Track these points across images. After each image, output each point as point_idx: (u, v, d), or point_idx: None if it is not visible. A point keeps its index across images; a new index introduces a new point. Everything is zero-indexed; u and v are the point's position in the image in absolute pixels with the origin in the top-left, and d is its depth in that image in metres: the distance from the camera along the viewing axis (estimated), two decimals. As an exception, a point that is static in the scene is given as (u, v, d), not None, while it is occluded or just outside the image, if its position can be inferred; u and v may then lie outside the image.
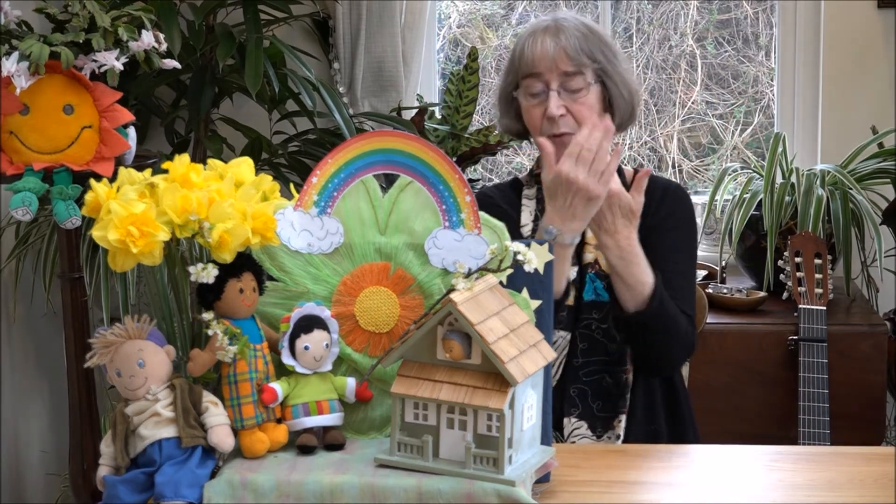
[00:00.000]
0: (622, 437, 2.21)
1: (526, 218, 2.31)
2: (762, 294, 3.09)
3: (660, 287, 2.14)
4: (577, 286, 2.24)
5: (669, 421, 2.28)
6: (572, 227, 2.08)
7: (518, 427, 1.55)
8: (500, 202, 2.33)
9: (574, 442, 2.21)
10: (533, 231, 2.28)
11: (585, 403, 2.23)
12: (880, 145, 3.22)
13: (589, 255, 2.26)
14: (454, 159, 3.21)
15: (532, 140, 2.36)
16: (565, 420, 2.22)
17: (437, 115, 3.41)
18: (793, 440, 2.80)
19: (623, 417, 2.21)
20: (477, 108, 3.37)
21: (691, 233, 2.34)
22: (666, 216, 2.29)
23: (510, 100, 2.30)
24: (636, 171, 2.37)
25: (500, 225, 1.70)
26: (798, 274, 2.93)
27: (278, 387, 1.62)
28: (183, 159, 1.64)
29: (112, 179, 1.64)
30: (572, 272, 2.23)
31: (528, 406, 1.58)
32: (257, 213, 1.61)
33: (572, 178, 2.06)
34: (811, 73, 3.45)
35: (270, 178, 1.71)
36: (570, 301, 2.23)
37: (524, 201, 2.33)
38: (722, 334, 2.97)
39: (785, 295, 3.00)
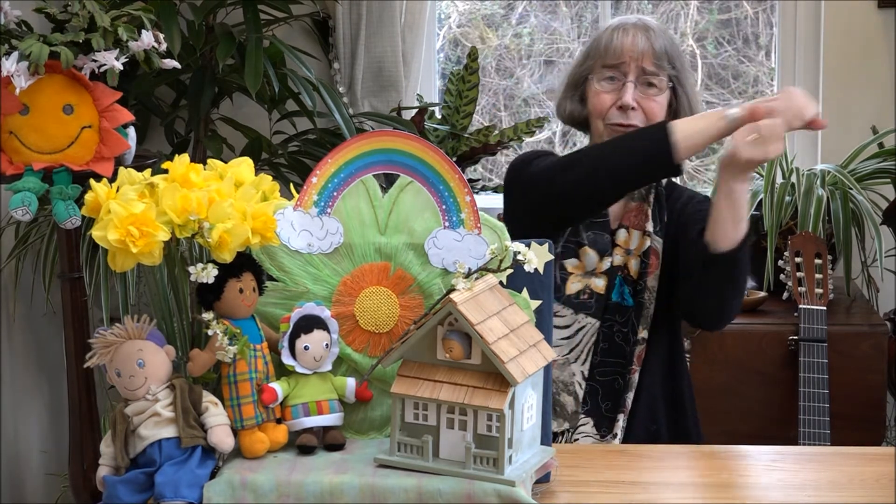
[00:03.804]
0: (620, 437, 2.21)
1: None
2: (762, 294, 3.09)
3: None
4: (608, 279, 2.27)
5: (671, 421, 2.29)
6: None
7: (518, 427, 1.55)
8: None
9: (577, 440, 2.21)
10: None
11: (595, 402, 2.24)
12: (880, 145, 3.22)
13: (617, 258, 2.28)
14: (454, 159, 3.21)
15: (586, 132, 2.38)
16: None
17: (437, 115, 3.41)
18: (793, 440, 2.80)
19: (622, 417, 2.21)
20: (477, 108, 3.37)
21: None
22: (684, 212, 2.31)
23: (579, 84, 2.34)
24: (669, 179, 2.38)
25: (501, 225, 1.70)
26: (798, 274, 2.93)
27: (278, 387, 1.62)
28: (183, 159, 1.64)
29: (112, 179, 1.64)
30: (607, 262, 2.27)
31: (528, 406, 1.57)
32: (257, 213, 1.61)
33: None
34: (811, 73, 3.45)
35: (270, 178, 1.71)
36: (602, 290, 2.26)
37: None
38: (722, 334, 2.96)
39: (785, 295, 3.00)
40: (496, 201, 3.36)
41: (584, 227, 2.28)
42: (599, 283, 2.26)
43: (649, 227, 2.29)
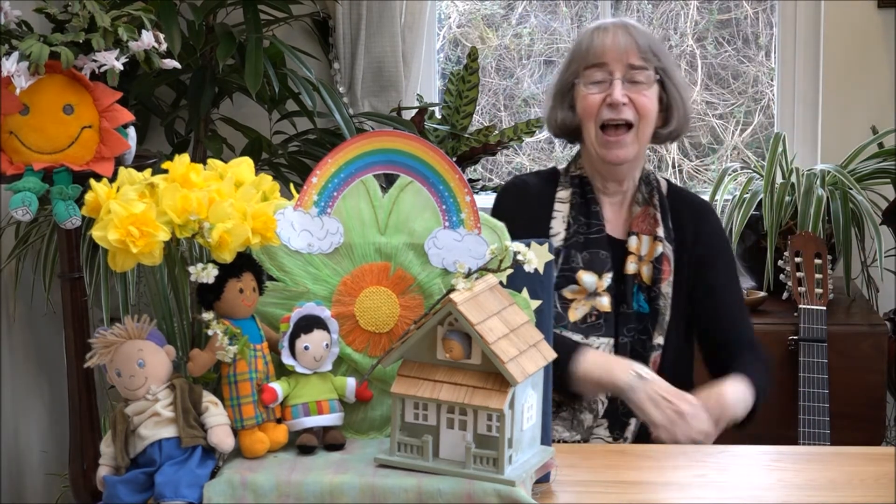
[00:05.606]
0: (631, 441, 2.21)
1: (558, 226, 2.30)
2: (762, 294, 3.09)
3: (755, 386, 2.22)
4: (614, 294, 2.26)
5: None
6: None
7: (518, 427, 1.55)
8: (536, 197, 2.34)
9: (587, 441, 2.22)
10: (564, 240, 2.29)
11: (613, 405, 2.23)
12: (880, 145, 3.22)
13: (631, 266, 2.27)
14: (454, 159, 3.21)
15: (577, 141, 2.37)
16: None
17: (437, 115, 3.41)
18: (793, 440, 2.80)
19: (633, 421, 2.21)
20: (477, 108, 3.37)
21: (730, 252, 2.42)
22: (707, 245, 2.34)
23: (567, 90, 2.33)
24: (669, 183, 2.39)
25: (501, 225, 1.70)
26: (798, 274, 2.93)
27: (278, 387, 1.63)
28: (183, 159, 1.64)
29: (112, 179, 1.64)
30: (607, 279, 2.26)
31: (528, 406, 1.58)
32: (257, 213, 1.61)
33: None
34: (811, 73, 3.45)
35: (270, 178, 1.71)
36: (608, 308, 2.25)
37: (556, 205, 2.33)
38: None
39: (785, 295, 2.99)
40: (496, 201, 3.36)
41: (578, 248, 2.27)
42: (604, 302, 2.25)
43: (660, 232, 2.28)
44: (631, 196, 2.33)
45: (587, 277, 2.25)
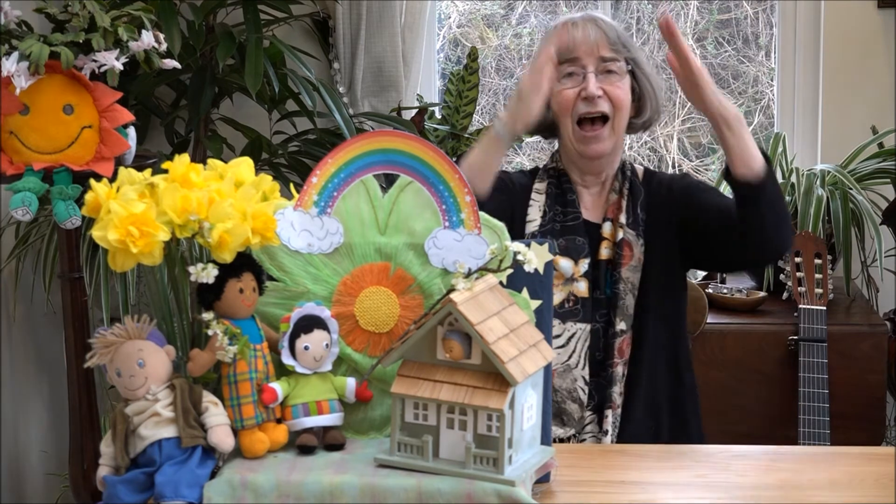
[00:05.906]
0: (612, 433, 2.21)
1: (534, 213, 2.32)
2: (762, 294, 3.09)
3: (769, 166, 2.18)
4: (590, 279, 2.27)
5: (674, 420, 2.29)
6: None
7: (518, 427, 1.55)
8: (515, 185, 2.37)
9: (584, 440, 2.22)
10: (540, 227, 2.30)
11: (602, 394, 2.23)
12: (880, 145, 3.22)
13: (605, 251, 2.28)
14: (454, 159, 3.20)
15: (556, 137, 2.38)
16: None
17: (437, 115, 3.41)
18: (793, 440, 2.80)
19: (610, 413, 2.22)
20: (477, 108, 3.37)
21: (701, 181, 2.47)
22: (680, 191, 2.35)
23: None
24: (646, 170, 2.39)
25: (501, 225, 1.70)
26: (798, 274, 2.93)
27: (278, 387, 1.62)
28: (183, 159, 1.64)
29: (112, 179, 1.64)
30: (584, 265, 2.27)
31: (528, 406, 1.58)
32: (257, 213, 1.61)
33: None
34: (811, 73, 3.45)
35: (270, 178, 1.71)
36: (586, 293, 2.26)
37: (533, 195, 2.35)
38: (722, 334, 2.97)
39: (785, 295, 3.00)
40: (496, 201, 3.35)
41: (555, 235, 2.28)
42: (581, 287, 2.26)
43: (622, 218, 2.30)
44: (609, 184, 2.35)
45: (564, 263, 2.26)
